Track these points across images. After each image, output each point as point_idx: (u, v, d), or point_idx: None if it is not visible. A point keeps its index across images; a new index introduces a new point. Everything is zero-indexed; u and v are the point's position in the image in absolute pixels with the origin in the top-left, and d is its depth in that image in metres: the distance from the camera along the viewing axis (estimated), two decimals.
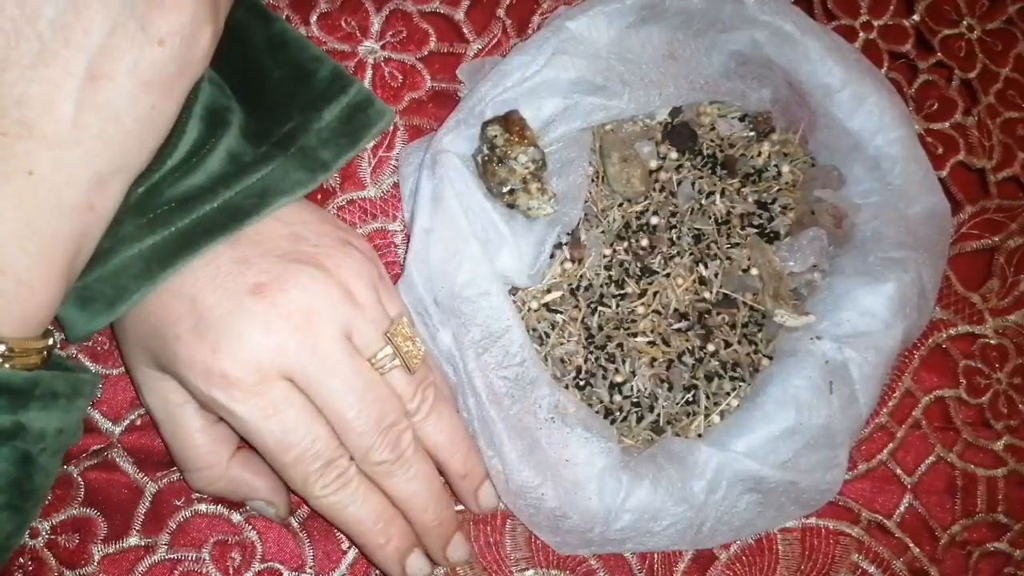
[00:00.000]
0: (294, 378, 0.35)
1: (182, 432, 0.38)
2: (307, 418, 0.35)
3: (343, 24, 0.46)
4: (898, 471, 0.46)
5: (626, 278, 0.45)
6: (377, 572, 0.42)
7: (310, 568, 0.42)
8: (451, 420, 0.40)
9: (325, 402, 0.36)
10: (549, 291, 0.44)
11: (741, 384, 0.44)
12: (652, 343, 0.44)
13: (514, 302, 0.43)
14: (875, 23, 0.52)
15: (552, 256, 0.44)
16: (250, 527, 0.42)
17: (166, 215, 0.36)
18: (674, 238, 0.46)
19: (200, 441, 0.38)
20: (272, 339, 0.35)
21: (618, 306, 0.44)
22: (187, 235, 0.36)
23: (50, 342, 0.33)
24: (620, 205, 0.46)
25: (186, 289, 0.35)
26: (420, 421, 0.38)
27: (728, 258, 0.46)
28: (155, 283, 0.35)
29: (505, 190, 0.41)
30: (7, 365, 0.31)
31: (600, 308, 0.44)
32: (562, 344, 0.43)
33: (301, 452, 0.35)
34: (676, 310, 0.45)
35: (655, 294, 0.45)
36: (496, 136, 0.40)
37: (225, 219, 0.36)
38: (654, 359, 0.44)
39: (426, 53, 0.47)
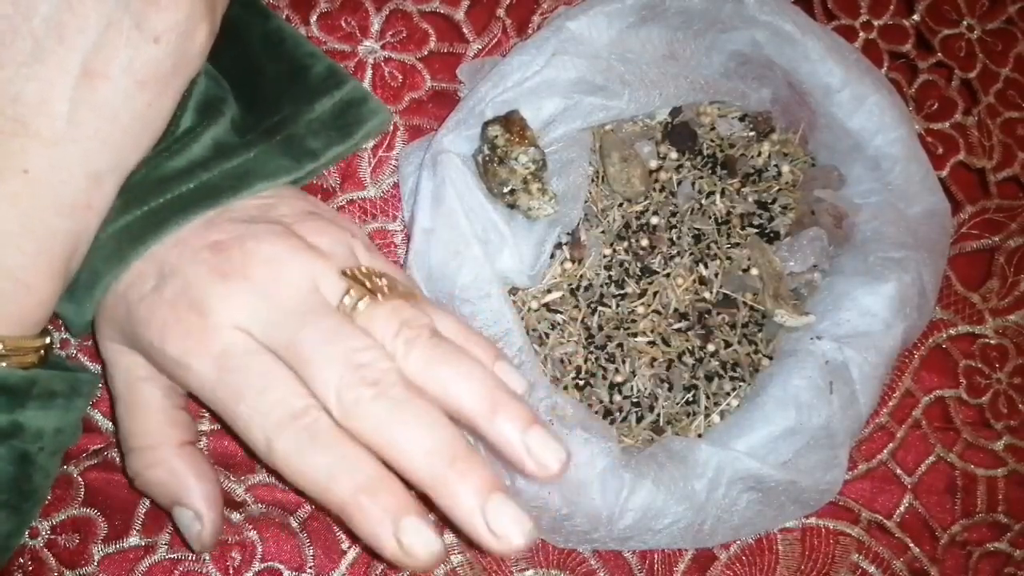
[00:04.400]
0: (250, 329, 0.32)
1: (137, 407, 0.36)
2: (265, 364, 0.31)
3: (343, 24, 0.46)
4: (898, 471, 0.46)
5: (626, 278, 0.45)
6: (378, 571, 0.42)
7: (310, 568, 0.42)
8: (458, 354, 0.32)
9: (284, 346, 0.31)
10: (549, 291, 0.44)
11: (741, 384, 0.44)
12: (652, 343, 0.44)
13: (514, 302, 0.43)
14: (875, 23, 0.52)
15: (552, 256, 0.44)
16: (250, 527, 0.42)
17: (141, 195, 0.35)
18: (674, 238, 0.46)
19: (154, 419, 0.36)
20: (223, 287, 0.32)
21: (618, 306, 0.44)
22: (159, 213, 0.35)
23: (47, 341, 0.33)
24: (620, 205, 0.46)
25: (155, 254, 0.34)
26: (413, 363, 0.31)
27: (728, 258, 0.46)
28: (126, 263, 0.34)
29: (506, 190, 0.41)
30: (3, 364, 0.31)
31: (600, 308, 0.44)
32: (562, 344, 0.43)
33: (256, 399, 0.30)
34: (676, 310, 0.45)
35: (655, 294, 0.45)
36: (497, 136, 0.40)
37: (199, 197, 0.35)
38: (654, 359, 0.44)
39: (426, 53, 0.47)
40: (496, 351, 0.36)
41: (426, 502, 0.30)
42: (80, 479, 0.41)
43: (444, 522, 0.35)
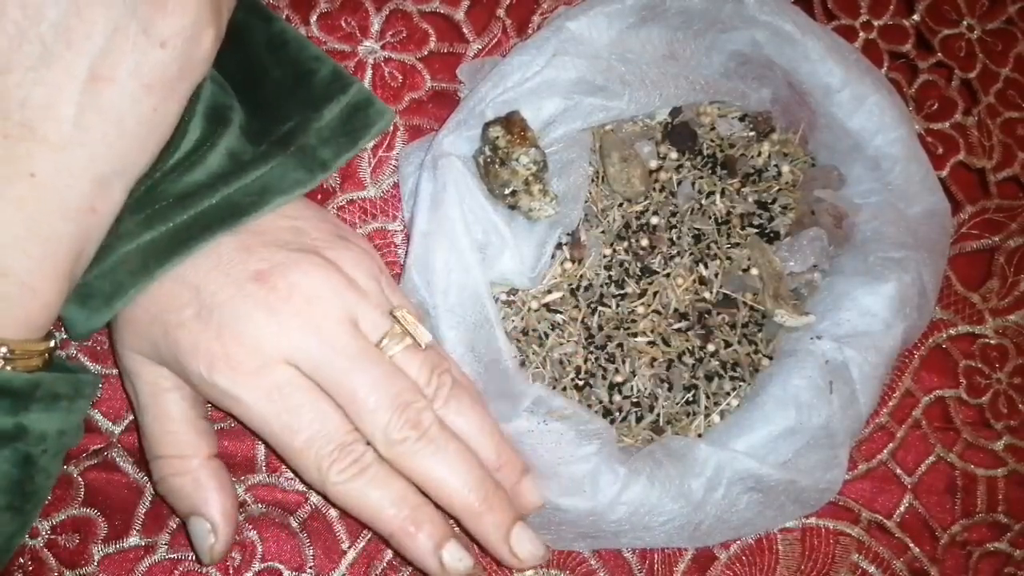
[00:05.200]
0: (299, 363, 0.35)
1: (165, 418, 0.37)
2: (315, 400, 0.34)
3: (343, 24, 0.46)
4: (898, 471, 0.47)
5: (626, 278, 0.45)
6: (378, 571, 0.42)
7: (310, 568, 0.42)
8: (474, 407, 0.37)
9: (334, 385, 0.35)
10: (549, 291, 0.44)
11: (741, 384, 0.44)
12: (652, 343, 0.44)
13: (514, 302, 0.44)
14: (875, 23, 0.52)
15: (552, 256, 0.44)
16: (250, 527, 0.42)
17: (164, 211, 0.36)
18: (674, 238, 0.46)
19: (182, 429, 0.37)
20: (274, 323, 0.34)
21: (618, 306, 0.44)
22: (184, 231, 0.35)
23: (51, 344, 0.33)
24: (620, 205, 0.46)
25: (189, 277, 0.35)
26: (439, 408, 0.36)
27: (728, 258, 0.46)
28: (152, 278, 0.35)
29: (507, 192, 0.41)
30: (8, 367, 0.31)
31: (600, 308, 0.44)
32: (562, 344, 0.43)
33: (311, 435, 0.34)
34: (676, 310, 0.45)
35: (655, 294, 0.45)
36: (498, 137, 0.40)
37: (223, 215, 0.36)
38: (654, 359, 0.44)
39: (426, 53, 0.47)
40: (481, 398, 0.40)
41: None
42: (80, 479, 0.41)
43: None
